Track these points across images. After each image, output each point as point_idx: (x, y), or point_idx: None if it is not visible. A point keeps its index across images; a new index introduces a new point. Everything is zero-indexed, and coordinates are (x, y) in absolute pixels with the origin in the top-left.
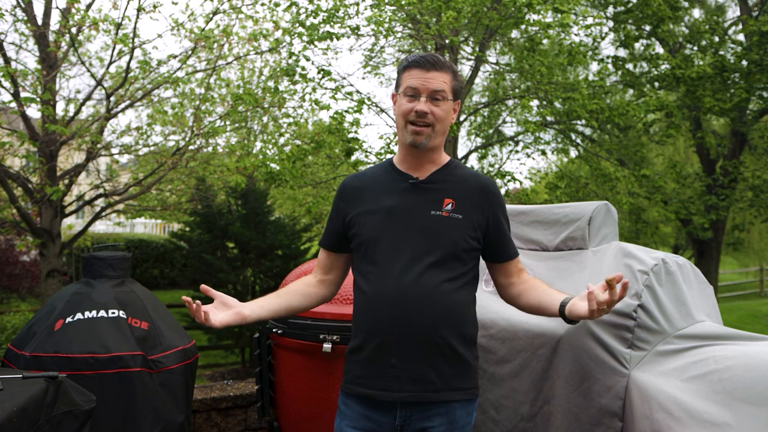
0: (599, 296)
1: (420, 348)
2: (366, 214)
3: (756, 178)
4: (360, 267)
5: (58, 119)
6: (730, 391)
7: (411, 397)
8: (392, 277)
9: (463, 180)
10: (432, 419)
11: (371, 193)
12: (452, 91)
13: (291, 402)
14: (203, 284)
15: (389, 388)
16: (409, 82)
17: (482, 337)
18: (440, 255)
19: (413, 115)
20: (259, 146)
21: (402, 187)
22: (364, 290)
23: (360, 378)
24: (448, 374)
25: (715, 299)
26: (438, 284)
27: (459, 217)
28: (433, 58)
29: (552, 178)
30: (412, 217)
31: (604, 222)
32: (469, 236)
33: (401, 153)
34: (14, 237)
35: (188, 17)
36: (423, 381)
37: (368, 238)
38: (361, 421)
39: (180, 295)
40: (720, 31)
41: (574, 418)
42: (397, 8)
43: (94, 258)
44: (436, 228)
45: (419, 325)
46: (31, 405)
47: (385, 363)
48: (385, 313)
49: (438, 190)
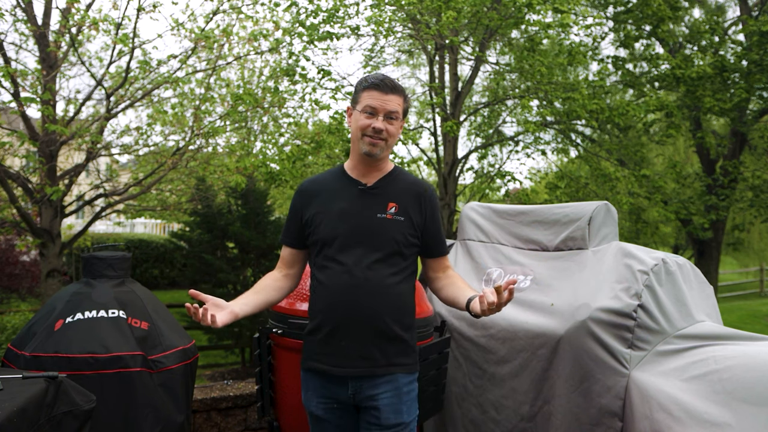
0: (488, 298)
1: (367, 331)
2: (322, 215)
3: (756, 178)
4: (317, 261)
5: (58, 119)
6: (730, 391)
7: (360, 372)
8: (345, 272)
9: (404, 185)
10: (379, 387)
11: (325, 196)
12: (403, 112)
13: (291, 402)
14: (192, 290)
15: (341, 365)
16: (369, 101)
17: (482, 337)
18: (385, 252)
19: (371, 130)
20: (259, 146)
21: (352, 192)
22: (322, 281)
23: (317, 355)
24: (390, 353)
25: (715, 299)
26: (384, 278)
27: (401, 219)
28: (391, 82)
29: (552, 178)
30: (361, 219)
31: (604, 222)
32: (410, 235)
33: (353, 161)
34: (14, 237)
35: (188, 17)
36: (369, 359)
37: (324, 237)
38: (321, 392)
39: (180, 295)
40: (720, 31)
41: (574, 418)
42: (397, 8)
43: (94, 258)
44: (381, 229)
45: (367, 312)
46: (31, 405)
47: (338, 343)
48: (339, 301)
49: (383, 195)
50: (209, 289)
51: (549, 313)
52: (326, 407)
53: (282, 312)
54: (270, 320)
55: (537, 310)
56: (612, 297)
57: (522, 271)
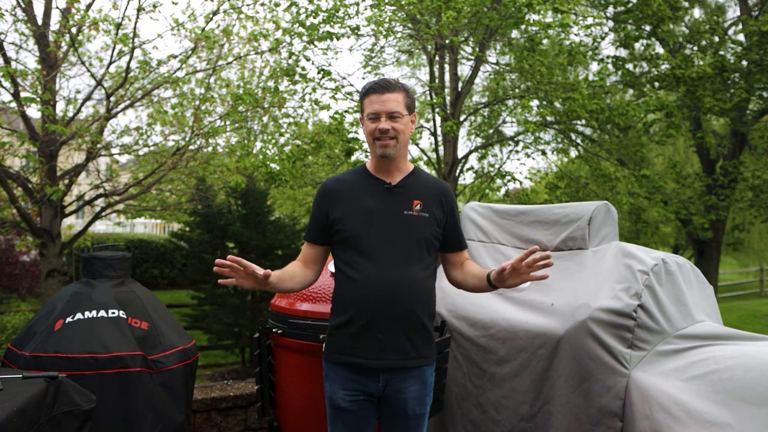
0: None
1: (400, 324)
2: (350, 213)
3: (756, 178)
4: (345, 257)
5: (58, 119)
6: (730, 391)
7: (393, 364)
8: (376, 266)
9: (426, 184)
10: (408, 380)
11: (352, 195)
12: (406, 107)
13: (291, 402)
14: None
15: (375, 357)
16: (370, 107)
17: (482, 337)
18: (413, 247)
19: (378, 132)
20: (259, 146)
21: (378, 190)
22: (352, 277)
23: (348, 348)
24: (419, 345)
25: (715, 299)
26: (414, 272)
27: (426, 215)
28: (385, 82)
29: (552, 178)
30: (389, 216)
31: (604, 222)
32: (434, 230)
33: (373, 163)
34: (14, 237)
35: (188, 17)
36: (402, 351)
37: (354, 233)
38: (350, 383)
39: (180, 295)
40: (720, 31)
41: (574, 418)
42: (397, 8)
43: (94, 258)
44: (408, 225)
45: (400, 306)
46: (31, 405)
47: (372, 336)
48: (373, 296)
49: (407, 192)
50: (209, 289)
51: (549, 313)
52: (352, 399)
53: (282, 312)
54: (270, 320)
55: (537, 310)
56: (612, 297)
57: None
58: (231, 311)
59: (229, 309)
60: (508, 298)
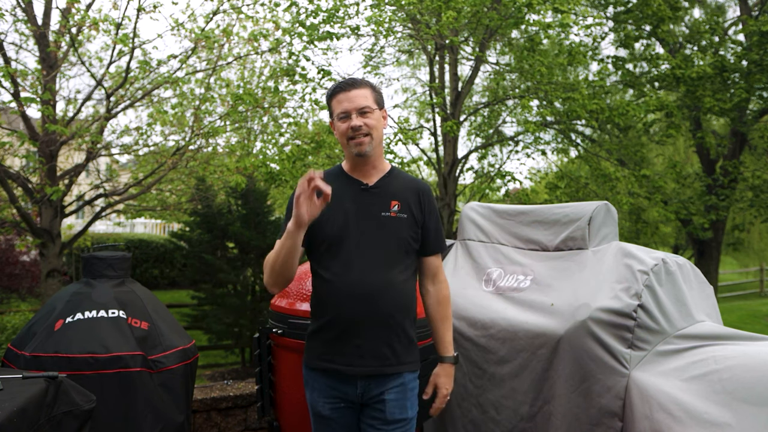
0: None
1: (379, 330)
2: (326, 215)
3: (756, 178)
4: (322, 261)
5: (58, 119)
6: (730, 391)
7: (371, 371)
8: (353, 270)
9: (404, 183)
10: (387, 385)
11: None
12: (375, 102)
13: (291, 402)
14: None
15: (353, 363)
16: (339, 107)
17: (482, 337)
18: (392, 250)
19: (351, 131)
20: (259, 146)
21: (354, 191)
22: (329, 281)
23: (325, 354)
24: (399, 351)
25: (715, 299)
26: (392, 276)
27: (404, 216)
28: (350, 80)
29: (552, 178)
30: (367, 218)
31: (604, 222)
32: (413, 231)
33: (349, 163)
34: (14, 237)
35: (188, 17)
36: (381, 357)
37: (331, 236)
38: (329, 390)
39: (180, 295)
40: (720, 31)
41: (574, 418)
42: (397, 8)
43: (94, 258)
44: (386, 227)
45: (378, 310)
46: (31, 405)
47: (350, 342)
48: (351, 300)
49: (385, 193)
50: (209, 289)
51: (549, 313)
52: (333, 406)
53: (282, 312)
54: (270, 320)
55: (537, 310)
56: (612, 297)
57: (522, 271)
58: (231, 311)
59: (229, 309)
60: (508, 298)
